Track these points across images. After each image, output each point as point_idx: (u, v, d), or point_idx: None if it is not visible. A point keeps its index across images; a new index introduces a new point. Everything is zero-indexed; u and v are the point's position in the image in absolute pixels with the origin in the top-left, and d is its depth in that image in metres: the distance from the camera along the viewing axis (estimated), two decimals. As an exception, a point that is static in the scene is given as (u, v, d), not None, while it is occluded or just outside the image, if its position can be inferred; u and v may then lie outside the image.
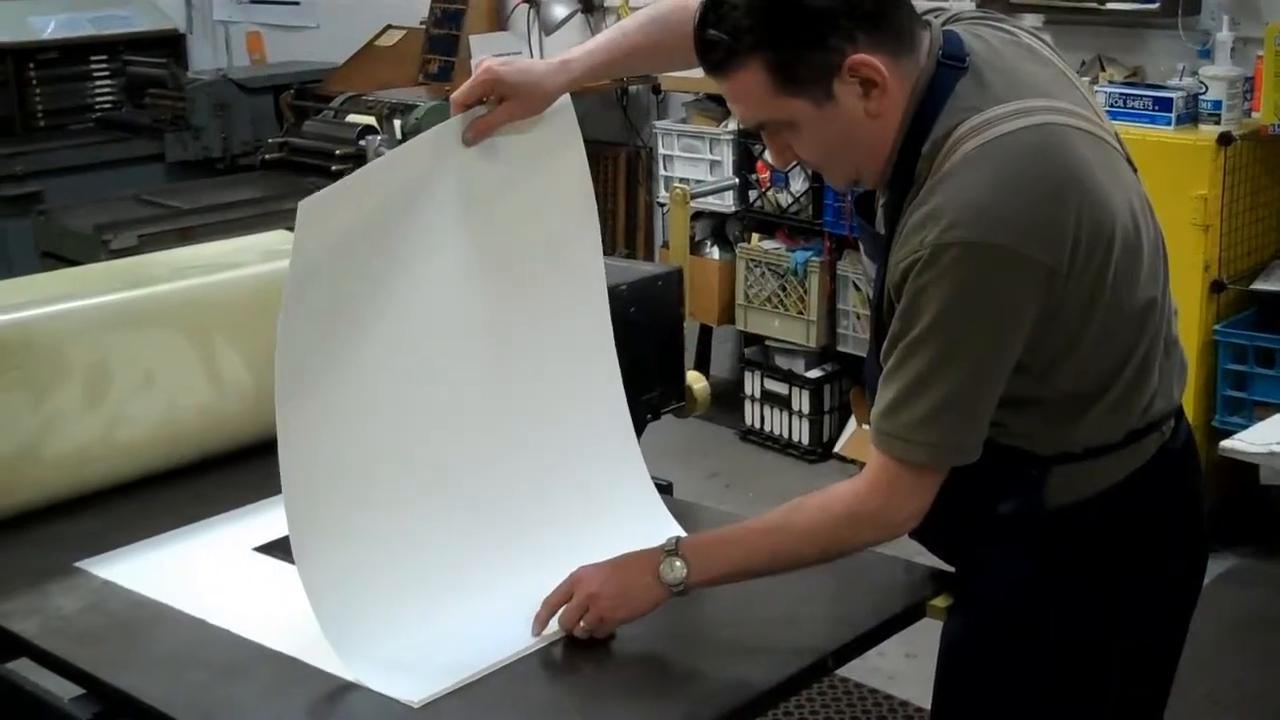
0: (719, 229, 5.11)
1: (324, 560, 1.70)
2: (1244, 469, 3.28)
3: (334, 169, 4.67)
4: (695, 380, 2.55)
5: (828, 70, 1.58)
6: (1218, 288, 3.82)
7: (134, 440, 2.21)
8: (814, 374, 4.83)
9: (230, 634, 1.79)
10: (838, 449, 4.80)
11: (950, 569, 1.87)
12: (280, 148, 5.24)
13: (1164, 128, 3.79)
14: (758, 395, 4.96)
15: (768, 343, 4.96)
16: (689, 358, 5.26)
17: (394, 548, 1.79)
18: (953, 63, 1.63)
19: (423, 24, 5.82)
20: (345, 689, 1.66)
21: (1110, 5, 4.02)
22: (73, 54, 6.76)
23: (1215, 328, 3.84)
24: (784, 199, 4.78)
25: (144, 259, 2.69)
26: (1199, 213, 3.72)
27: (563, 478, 1.97)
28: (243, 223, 4.23)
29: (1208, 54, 3.91)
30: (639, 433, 2.40)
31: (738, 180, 4.80)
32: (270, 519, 2.00)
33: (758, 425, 4.98)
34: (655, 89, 5.40)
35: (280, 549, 1.87)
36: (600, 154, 5.66)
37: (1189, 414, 3.50)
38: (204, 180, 5.58)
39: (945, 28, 1.68)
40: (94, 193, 5.31)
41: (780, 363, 4.93)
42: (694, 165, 5.00)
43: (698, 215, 5.07)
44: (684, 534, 1.85)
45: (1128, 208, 1.64)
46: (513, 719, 1.64)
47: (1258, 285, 3.89)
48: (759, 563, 1.73)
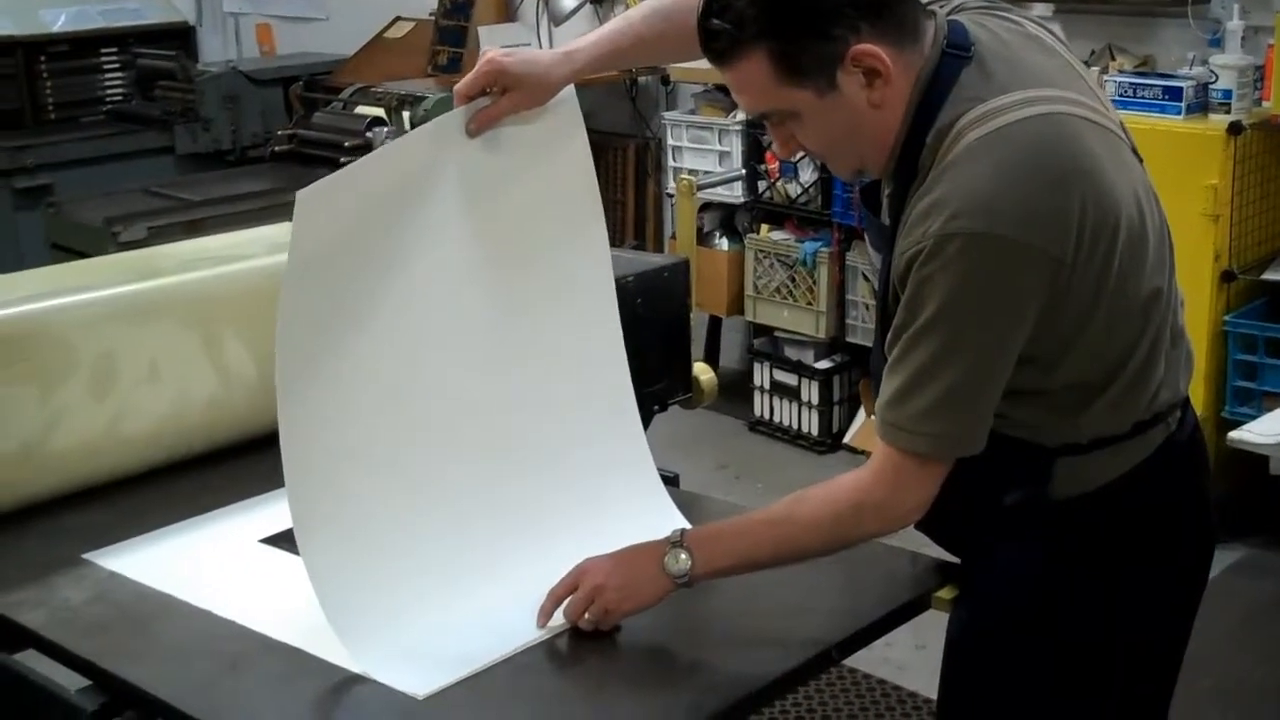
0: (728, 220, 5.10)
1: (328, 551, 1.70)
2: (1254, 460, 3.28)
3: (343, 160, 4.65)
4: (702, 371, 2.54)
5: (831, 60, 1.58)
6: (1228, 278, 3.80)
7: (141, 432, 2.21)
8: (823, 365, 4.82)
9: (236, 625, 1.79)
10: (847, 440, 4.80)
11: (956, 560, 1.87)
12: (289, 140, 5.24)
13: (1174, 117, 3.77)
14: (767, 386, 4.96)
15: (777, 334, 4.96)
16: (698, 349, 5.27)
17: (398, 538, 1.79)
18: (957, 52, 1.63)
19: (432, 15, 5.81)
20: (351, 681, 1.66)
21: (1120, -7, 4.02)
22: (83, 47, 6.77)
23: (1225, 318, 3.82)
24: (793, 190, 4.77)
25: (150, 251, 2.69)
26: (1209, 202, 3.71)
27: (568, 468, 1.97)
28: (251, 215, 4.23)
29: (1218, 43, 3.89)
30: (646, 423, 2.40)
31: (744, 171, 4.80)
32: (276, 511, 2.00)
33: (767, 416, 4.98)
34: (664, 80, 5.39)
35: (287, 541, 1.87)
36: (609, 145, 5.65)
37: (1198, 405, 3.53)
38: (213, 172, 5.58)
39: (950, 17, 1.68)
40: (104, 185, 5.33)
41: (789, 354, 4.92)
42: (703, 156, 4.99)
43: (706, 206, 5.07)
44: (689, 526, 1.84)
45: (1133, 198, 1.63)
46: (518, 710, 1.65)
47: (1268, 275, 3.88)
48: (763, 554, 1.73)
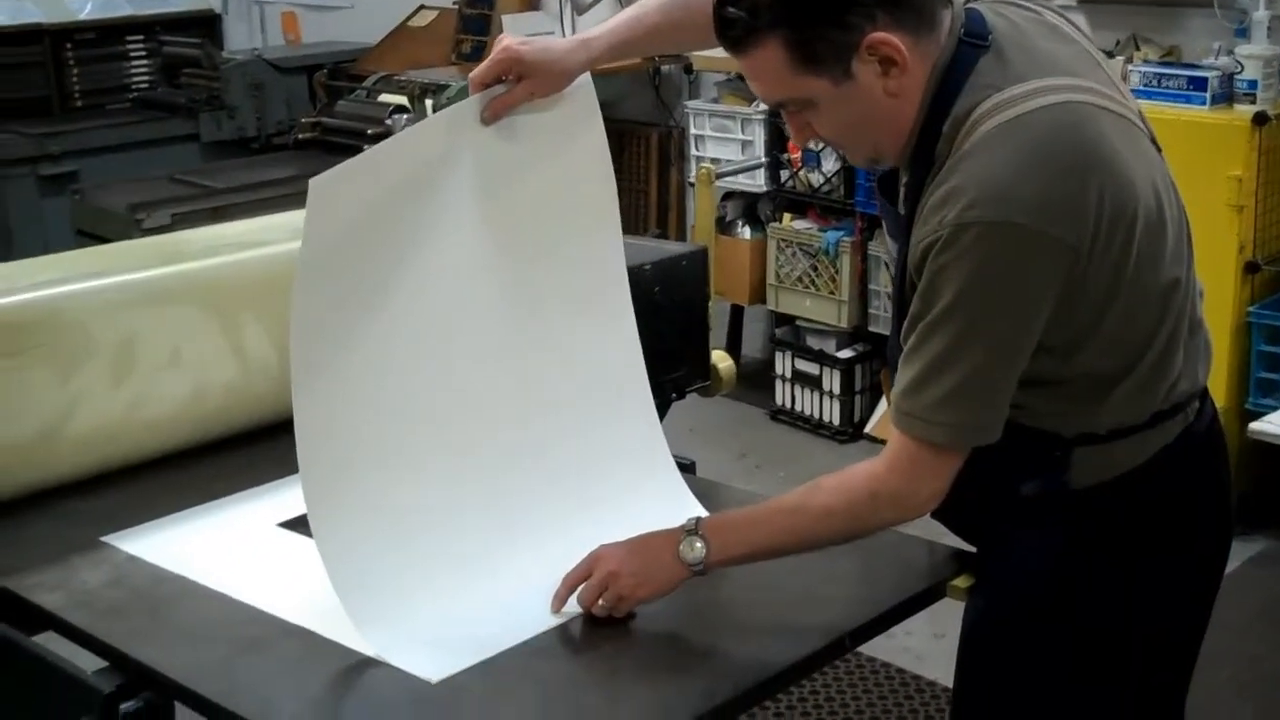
0: (750, 209, 5.09)
1: (342, 535, 1.71)
2: (1276, 451, 3.27)
3: (365, 148, 4.67)
4: (720, 360, 2.55)
5: (846, 49, 1.58)
6: (1252, 269, 3.78)
7: (160, 417, 2.22)
8: (845, 354, 4.81)
9: (253, 609, 1.80)
10: (868, 430, 4.79)
11: (972, 549, 1.87)
12: (313, 127, 5.26)
13: (1199, 107, 3.75)
14: (788, 375, 4.95)
15: (799, 323, 4.95)
16: (720, 337, 5.27)
17: (412, 524, 1.80)
18: (975, 41, 1.62)
19: (455, 4, 5.83)
20: (365, 665, 1.67)
21: (1146, -17, 3.99)
22: (110, 34, 6.80)
23: (1249, 309, 3.80)
24: (815, 179, 4.76)
25: (171, 237, 2.71)
26: (1233, 193, 3.69)
27: (583, 455, 1.97)
28: (275, 202, 4.25)
29: (1244, 33, 3.86)
30: (664, 412, 2.41)
31: (763, 160, 4.79)
32: (295, 495, 1.99)
33: (788, 405, 4.97)
34: (687, 69, 5.39)
35: (304, 525, 1.87)
36: (632, 134, 5.65)
37: (1221, 396, 3.52)
38: (237, 160, 5.61)
39: (968, 5, 1.67)
40: (129, 172, 5.36)
41: (811, 343, 4.92)
42: (725, 145, 4.99)
43: (729, 195, 5.07)
44: (705, 513, 1.85)
45: (1151, 187, 1.62)
46: (531, 696, 1.65)
47: (1292, 266, 3.86)
48: (778, 543, 1.72)
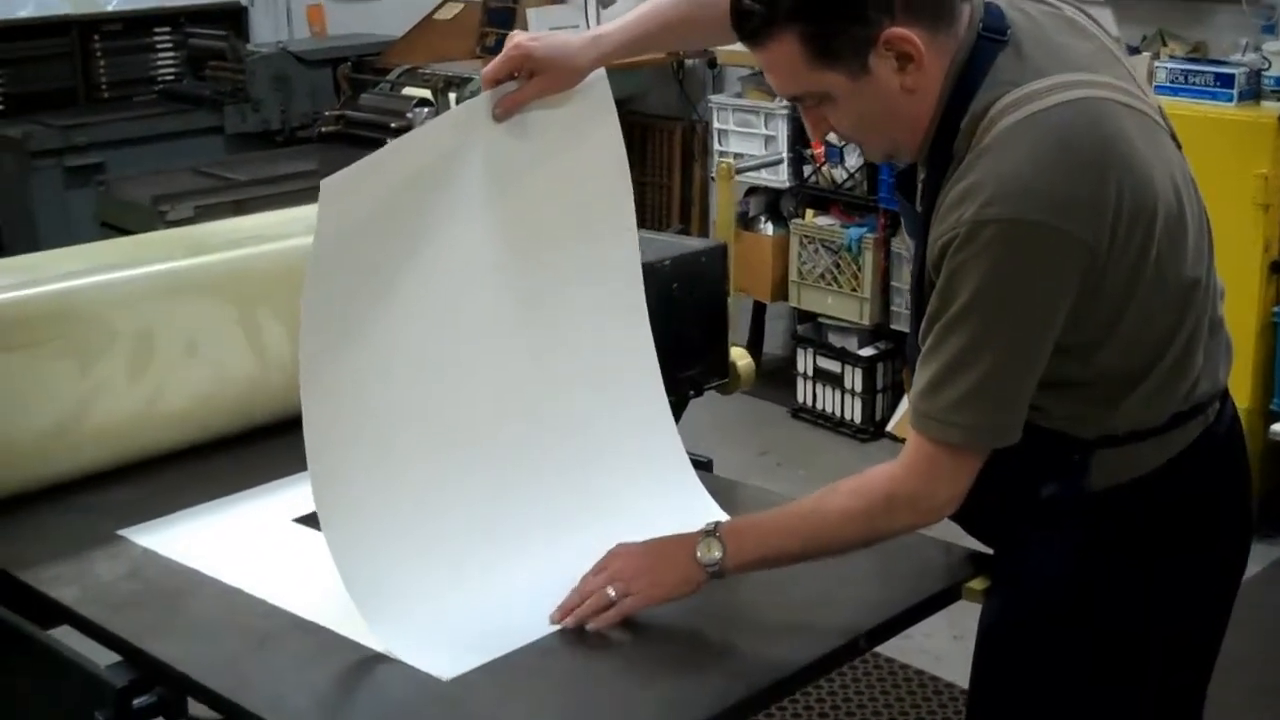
0: (773, 205, 5.08)
1: (352, 530, 1.71)
2: (1300, 453, 3.24)
3: (388, 141, 4.67)
4: (739, 357, 2.54)
5: (863, 43, 1.56)
6: (1277, 268, 3.74)
7: (177, 410, 2.22)
8: (867, 352, 4.80)
9: (266, 604, 1.80)
10: (890, 428, 4.77)
11: (989, 551, 1.85)
12: (337, 120, 5.26)
13: (1225, 104, 3.73)
14: (810, 373, 4.94)
15: (821, 320, 4.94)
16: (742, 334, 5.26)
17: (422, 519, 1.79)
18: (993, 36, 1.61)
19: (481, -3, 5.82)
20: (378, 662, 1.66)
21: (1173, -21, 3.97)
22: (136, 26, 6.81)
23: (1274, 309, 3.75)
24: (839, 175, 4.75)
25: (191, 229, 2.72)
26: (1260, 191, 3.66)
27: (596, 452, 1.96)
28: (297, 195, 4.23)
29: (1271, 29, 3.84)
30: (682, 407, 2.40)
31: (783, 155, 4.77)
32: (310, 491, 2.00)
33: (810, 403, 4.96)
34: (711, 63, 5.37)
35: (319, 520, 1.88)
36: (656, 128, 5.65)
37: (1246, 398, 3.50)
38: (261, 152, 5.61)
39: (986, 0, 1.66)
40: (155, 164, 5.37)
41: (833, 340, 4.90)
42: (748, 140, 4.97)
43: (752, 191, 5.06)
44: (717, 507, 1.84)
45: (1171, 184, 1.61)
46: (543, 693, 1.64)
47: (1320, 266, 3.83)
48: (794, 547, 1.71)
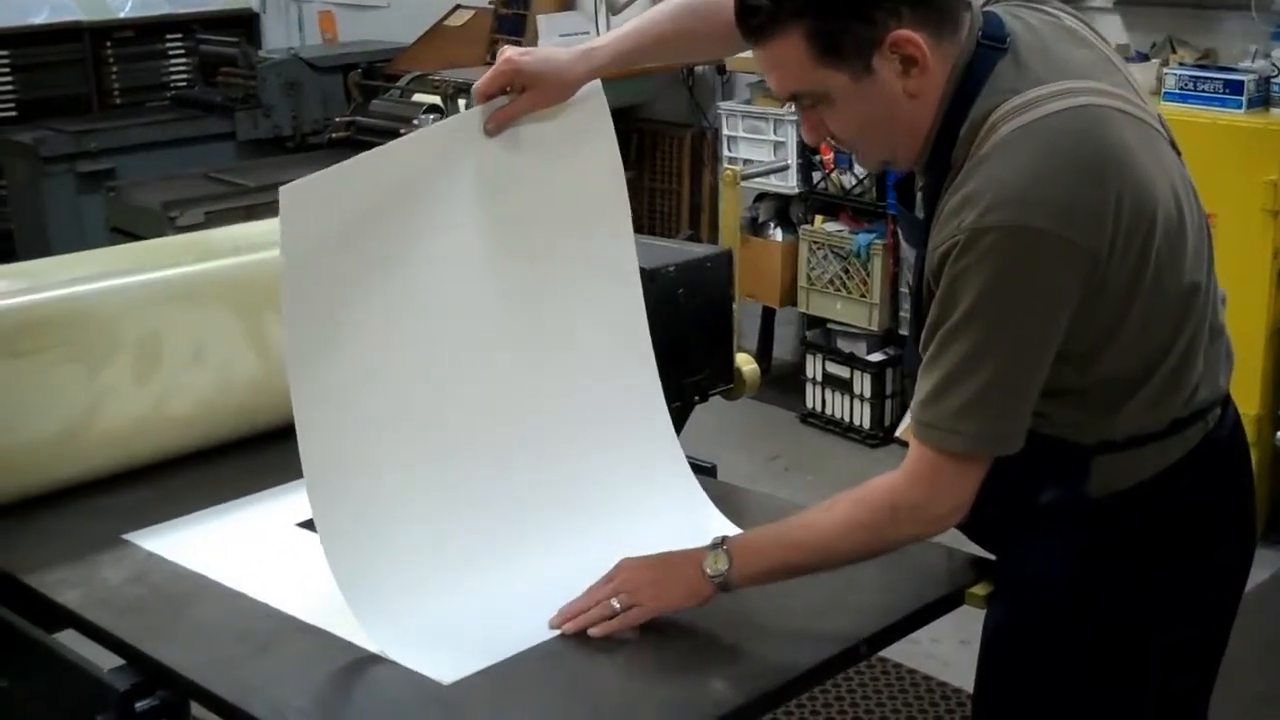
0: (782, 210, 5.08)
1: (347, 533, 1.72)
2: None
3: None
4: (745, 362, 2.54)
5: (869, 44, 1.56)
6: (1286, 275, 3.75)
7: (183, 415, 2.24)
8: (875, 357, 4.80)
9: (270, 608, 1.81)
10: (898, 434, 4.76)
11: (992, 557, 1.85)
12: (347, 126, 5.28)
13: (1235, 111, 3.72)
14: (819, 378, 4.94)
15: (829, 325, 4.93)
16: (751, 339, 5.25)
17: (417, 521, 1.80)
18: (993, 44, 1.61)
19: (491, 4, 5.83)
20: (379, 665, 1.67)
21: (1182, -15, 3.97)
22: (148, 33, 6.86)
23: (1284, 315, 3.77)
24: (848, 181, 4.75)
25: (200, 235, 2.73)
26: (1268, 198, 3.64)
27: (593, 456, 1.97)
28: (307, 201, 4.26)
29: (1281, 36, 3.83)
30: (686, 413, 2.41)
31: (789, 162, 4.77)
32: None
33: (819, 408, 4.96)
34: (720, 69, 5.37)
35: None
36: (665, 134, 5.65)
37: (1254, 404, 3.49)
38: (272, 158, 5.64)
39: (985, 8, 1.66)
40: (166, 170, 5.40)
41: (842, 346, 4.90)
42: (757, 146, 4.97)
43: (761, 196, 5.06)
44: (717, 510, 1.84)
45: (1170, 190, 1.61)
46: (544, 698, 1.65)
47: (1329, 273, 3.82)
48: (800, 557, 1.70)
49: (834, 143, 1.71)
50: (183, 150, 5.78)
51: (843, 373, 4.86)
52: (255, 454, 2.28)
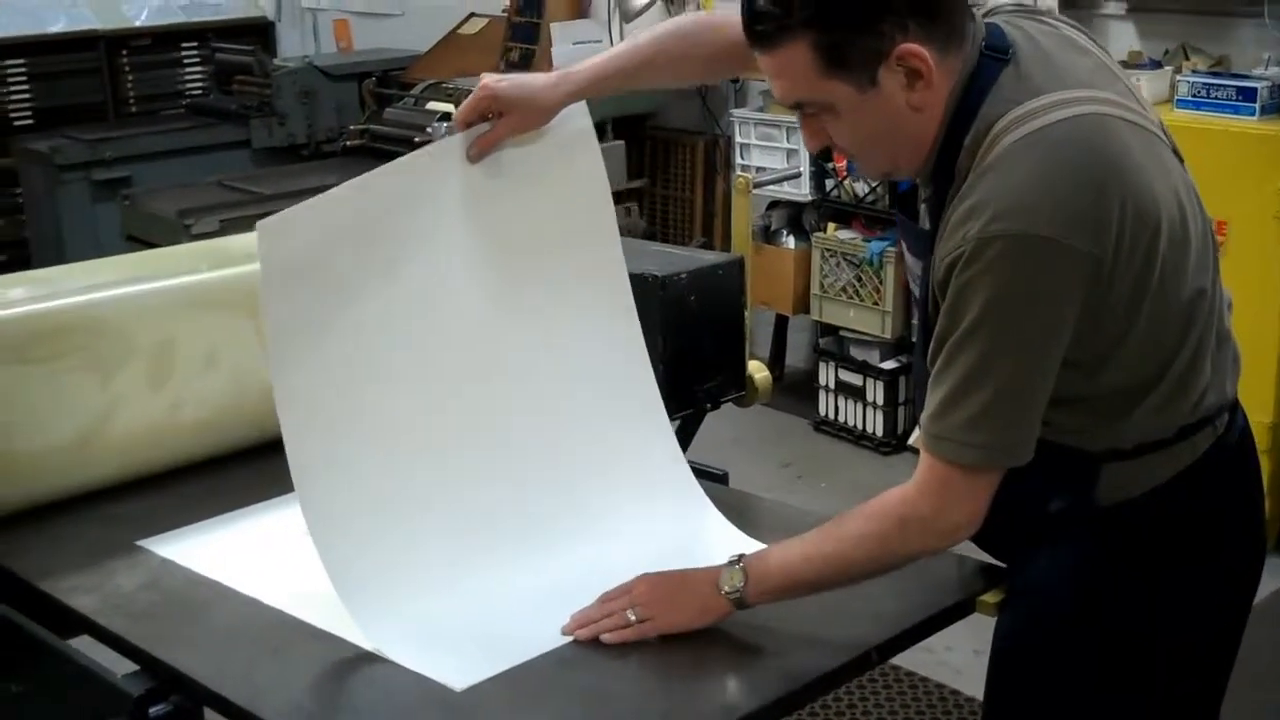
0: (795, 218, 5.08)
1: (347, 549, 1.74)
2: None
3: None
4: (757, 370, 2.54)
5: (875, 56, 1.57)
6: (1300, 282, 3.74)
7: (197, 421, 2.25)
8: (888, 365, 4.79)
9: (283, 614, 1.82)
10: (911, 441, 4.76)
11: (1002, 565, 1.85)
12: (362, 134, 5.30)
13: (1248, 118, 3.71)
14: (832, 386, 4.94)
15: (842, 333, 4.93)
16: (764, 347, 5.24)
17: (417, 528, 1.83)
18: (995, 55, 1.61)
19: (505, 12, 5.84)
20: (391, 672, 1.68)
21: (1195, -7, 3.96)
22: (164, 41, 6.89)
23: (1297, 322, 3.76)
24: (860, 189, 4.75)
25: (214, 243, 2.74)
26: (1282, 205, 3.65)
27: (592, 460, 1.98)
28: (321, 208, 4.28)
29: (1294, 43, 3.83)
30: (698, 421, 2.41)
31: (800, 169, 4.77)
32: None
33: (831, 416, 4.96)
34: (733, 78, 5.38)
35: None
36: (678, 142, 5.66)
37: (1268, 411, 3.49)
38: (286, 166, 5.66)
39: (986, 19, 1.67)
40: (181, 177, 5.42)
41: (855, 353, 4.90)
42: (770, 154, 4.98)
43: (774, 204, 5.06)
44: (717, 511, 1.85)
45: (1173, 197, 1.61)
46: (555, 704, 1.65)
47: (1343, 280, 3.81)
48: (814, 571, 1.70)
49: (836, 150, 1.72)
50: (198, 158, 5.81)
51: (855, 380, 4.86)
52: (268, 461, 2.27)
